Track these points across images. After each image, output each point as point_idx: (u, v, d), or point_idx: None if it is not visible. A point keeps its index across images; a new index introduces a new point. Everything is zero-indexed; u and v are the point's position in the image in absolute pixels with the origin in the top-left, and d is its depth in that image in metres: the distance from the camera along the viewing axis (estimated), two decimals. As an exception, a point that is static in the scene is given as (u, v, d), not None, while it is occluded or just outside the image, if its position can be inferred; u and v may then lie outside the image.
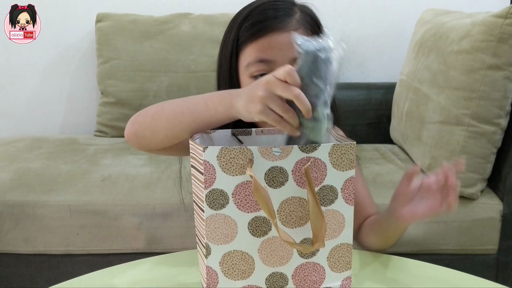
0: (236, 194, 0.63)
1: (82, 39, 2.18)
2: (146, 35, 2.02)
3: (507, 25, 1.35)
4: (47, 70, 2.20)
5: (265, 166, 0.62)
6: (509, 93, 1.41)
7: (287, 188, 0.64)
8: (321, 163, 0.64)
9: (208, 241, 0.64)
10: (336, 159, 0.64)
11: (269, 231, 0.65)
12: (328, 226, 0.66)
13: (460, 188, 1.43)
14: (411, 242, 1.48)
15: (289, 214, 0.65)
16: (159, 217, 1.48)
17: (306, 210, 0.65)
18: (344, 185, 0.66)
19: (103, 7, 2.12)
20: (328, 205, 0.66)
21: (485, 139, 1.42)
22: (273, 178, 0.63)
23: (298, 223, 0.65)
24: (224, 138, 0.75)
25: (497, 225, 1.47)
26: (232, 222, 0.63)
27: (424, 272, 0.83)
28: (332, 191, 0.65)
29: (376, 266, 0.85)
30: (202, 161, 0.62)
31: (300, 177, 0.64)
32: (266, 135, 0.76)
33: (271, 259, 0.66)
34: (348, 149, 0.64)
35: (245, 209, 0.63)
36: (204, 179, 0.62)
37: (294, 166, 0.63)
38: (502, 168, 1.47)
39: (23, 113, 2.24)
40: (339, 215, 0.66)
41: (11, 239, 1.49)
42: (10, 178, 1.55)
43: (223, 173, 0.62)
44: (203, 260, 0.66)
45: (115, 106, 2.03)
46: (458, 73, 1.44)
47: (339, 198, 0.66)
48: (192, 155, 0.67)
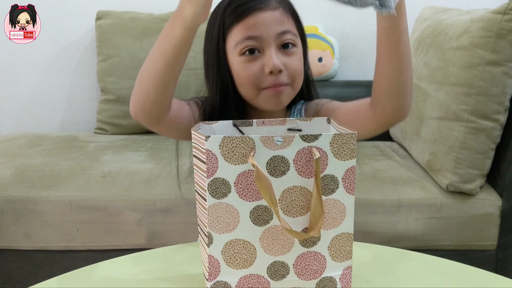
0: (238, 183, 0.63)
1: (82, 37, 2.18)
2: (146, 32, 2.03)
3: (506, 21, 1.36)
4: (47, 68, 2.21)
5: (266, 155, 0.63)
6: (508, 89, 1.41)
7: (289, 177, 0.64)
8: (323, 152, 0.64)
9: (210, 230, 0.64)
10: (337, 149, 0.65)
11: (270, 220, 0.65)
12: (329, 215, 0.66)
13: (460, 183, 1.45)
14: (410, 238, 1.49)
15: (290, 203, 0.65)
16: (160, 213, 1.48)
17: (307, 199, 0.65)
18: (345, 175, 0.66)
19: (103, 5, 2.13)
20: (329, 195, 0.66)
21: (484, 135, 1.43)
22: (274, 167, 0.63)
23: (299, 212, 0.65)
24: (226, 129, 0.75)
25: (496, 220, 1.47)
26: (234, 211, 0.64)
27: (424, 263, 0.84)
28: (333, 180, 0.66)
29: (376, 257, 0.85)
30: (204, 150, 0.62)
31: (301, 166, 0.64)
32: (267, 126, 0.77)
33: (272, 248, 0.66)
34: (349, 139, 0.65)
35: (247, 198, 0.64)
36: (207, 168, 0.62)
37: (295, 156, 0.63)
38: (501, 164, 1.47)
39: (23, 111, 2.25)
40: (340, 204, 0.67)
41: (12, 234, 1.50)
42: (11, 174, 1.56)
43: (225, 162, 0.62)
44: (205, 250, 0.67)
45: (115, 103, 2.04)
46: (457, 69, 1.45)
47: (340, 188, 0.66)
48: (194, 145, 0.68)
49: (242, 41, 0.87)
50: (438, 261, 0.84)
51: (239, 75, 0.89)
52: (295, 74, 0.89)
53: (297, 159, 0.64)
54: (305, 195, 0.65)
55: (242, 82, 0.89)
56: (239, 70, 0.88)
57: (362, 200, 1.47)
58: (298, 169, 0.64)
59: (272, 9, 0.87)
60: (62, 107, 2.25)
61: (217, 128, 0.75)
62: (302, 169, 0.64)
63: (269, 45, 0.86)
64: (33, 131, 2.09)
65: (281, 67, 0.86)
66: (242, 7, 0.87)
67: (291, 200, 0.65)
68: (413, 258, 0.86)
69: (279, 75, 0.87)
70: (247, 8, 0.87)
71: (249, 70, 0.87)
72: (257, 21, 0.86)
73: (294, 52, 0.89)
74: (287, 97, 0.91)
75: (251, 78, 0.87)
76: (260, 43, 0.86)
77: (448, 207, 1.47)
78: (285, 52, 0.88)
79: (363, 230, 1.48)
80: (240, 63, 0.88)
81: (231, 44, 0.89)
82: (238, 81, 0.90)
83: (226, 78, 0.90)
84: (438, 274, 0.80)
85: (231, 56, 0.89)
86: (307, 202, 0.65)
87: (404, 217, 1.47)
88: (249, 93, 0.89)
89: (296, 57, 0.89)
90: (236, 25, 0.87)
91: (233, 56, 0.89)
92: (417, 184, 1.52)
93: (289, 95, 0.91)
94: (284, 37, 0.88)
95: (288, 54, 0.88)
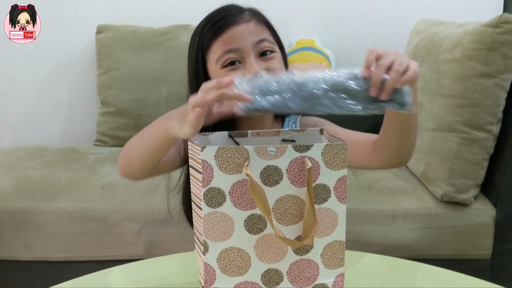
0: (233, 192, 0.65)
1: (83, 50, 2.21)
2: (145, 46, 2.06)
3: (498, 34, 1.39)
4: (48, 81, 2.23)
5: (260, 165, 0.65)
6: (500, 100, 1.44)
7: (282, 186, 0.66)
8: (315, 162, 0.66)
9: (205, 238, 0.66)
10: (329, 159, 0.67)
11: (264, 229, 0.67)
12: (322, 223, 0.68)
13: (454, 193, 1.46)
14: (406, 248, 1.50)
15: (284, 212, 0.67)
16: (158, 224, 1.50)
17: (300, 208, 0.67)
18: (336, 184, 0.68)
19: (103, 19, 2.15)
20: (322, 203, 0.68)
21: (478, 145, 1.45)
22: (268, 177, 0.65)
23: (293, 220, 0.67)
24: (222, 140, 0.78)
25: (490, 230, 1.49)
26: (229, 219, 0.66)
27: (419, 272, 0.85)
28: (325, 189, 0.68)
29: (371, 266, 0.87)
30: (200, 160, 0.64)
31: (294, 176, 0.66)
32: (262, 137, 0.79)
33: (266, 256, 0.68)
34: (340, 149, 0.67)
35: (241, 206, 0.66)
36: (202, 177, 0.64)
37: (288, 165, 0.66)
38: (494, 174, 1.49)
39: (24, 123, 2.27)
40: (332, 213, 0.69)
41: (12, 246, 1.51)
42: (11, 185, 1.57)
43: (220, 171, 0.64)
44: (201, 258, 0.69)
45: (114, 116, 2.06)
46: (450, 81, 1.47)
47: (332, 197, 0.68)
48: (191, 155, 0.70)
49: (223, 55, 0.92)
50: (434, 270, 0.85)
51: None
52: None
53: (290, 168, 0.66)
54: (298, 204, 0.67)
55: None
56: None
57: (358, 210, 1.49)
58: (291, 178, 0.66)
59: (245, 21, 0.93)
60: (62, 120, 2.27)
61: (213, 138, 0.78)
62: (295, 178, 0.66)
63: (248, 54, 0.91)
64: (33, 143, 2.11)
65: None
66: (218, 23, 0.93)
67: (284, 208, 0.67)
68: (408, 267, 0.87)
69: None
70: (223, 24, 0.92)
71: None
72: (234, 35, 0.92)
73: (273, 57, 0.94)
74: None
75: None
76: (239, 54, 0.91)
77: (443, 217, 1.48)
78: (264, 59, 0.93)
79: (359, 240, 1.49)
80: (223, 74, 0.92)
81: (213, 60, 0.94)
82: None
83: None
84: (433, 283, 0.81)
85: (214, 72, 0.94)
86: (300, 211, 0.67)
87: (400, 227, 1.49)
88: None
89: (276, 60, 0.95)
90: (215, 42, 0.93)
91: (215, 71, 0.94)
92: (413, 195, 1.54)
93: None
94: (262, 45, 0.93)
95: (267, 60, 0.93)
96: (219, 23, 0.93)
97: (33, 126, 2.27)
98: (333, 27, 2.22)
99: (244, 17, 0.94)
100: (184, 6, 2.19)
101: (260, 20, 0.96)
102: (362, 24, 2.22)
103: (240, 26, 0.92)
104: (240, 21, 0.93)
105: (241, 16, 0.94)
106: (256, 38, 0.92)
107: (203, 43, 0.94)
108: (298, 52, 2.09)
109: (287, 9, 2.19)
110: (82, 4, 2.19)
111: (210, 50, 0.94)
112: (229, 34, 0.92)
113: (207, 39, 0.93)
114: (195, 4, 2.15)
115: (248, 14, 0.95)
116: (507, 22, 1.38)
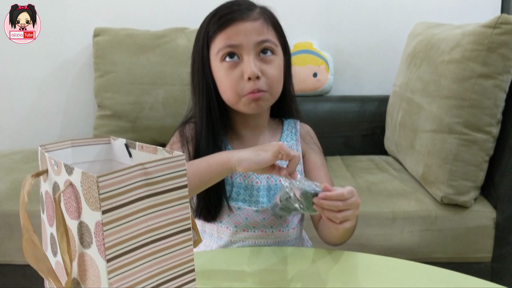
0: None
1: (80, 53, 2.21)
2: (142, 49, 2.05)
3: (496, 34, 1.38)
4: (45, 84, 2.22)
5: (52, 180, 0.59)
6: (500, 101, 1.43)
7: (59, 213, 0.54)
8: (77, 191, 0.51)
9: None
10: (86, 191, 0.50)
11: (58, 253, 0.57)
12: (91, 273, 0.52)
13: (454, 195, 1.45)
14: (405, 250, 1.49)
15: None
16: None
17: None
18: (96, 230, 0.49)
19: (100, 22, 2.15)
20: (87, 248, 0.52)
21: (477, 147, 1.44)
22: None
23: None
24: (119, 148, 0.69)
25: (490, 232, 1.48)
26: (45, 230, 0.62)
27: (419, 272, 0.84)
28: (88, 231, 0.51)
29: (370, 266, 0.86)
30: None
31: (67, 204, 0.54)
32: (145, 152, 0.63)
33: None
34: (93, 181, 0.48)
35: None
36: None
37: (64, 187, 0.54)
38: (494, 176, 1.48)
39: (20, 126, 2.26)
40: (95, 265, 0.51)
41: (7, 249, 1.50)
42: (6, 188, 1.56)
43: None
44: None
45: (111, 118, 2.05)
46: (449, 82, 1.47)
47: (93, 244, 0.51)
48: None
49: (223, 48, 0.93)
50: (434, 270, 0.84)
51: (221, 82, 0.95)
52: (273, 81, 0.94)
53: (65, 193, 0.54)
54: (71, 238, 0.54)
55: (224, 88, 0.95)
56: (222, 77, 0.94)
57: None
58: (66, 207, 0.54)
59: (253, 19, 0.93)
60: (59, 123, 2.26)
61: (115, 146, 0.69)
62: (69, 208, 0.53)
63: (248, 52, 0.92)
64: (30, 146, 2.09)
65: (258, 73, 0.91)
66: (225, 17, 0.93)
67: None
68: (408, 267, 0.86)
69: (257, 81, 0.92)
70: (230, 18, 0.93)
71: (230, 77, 0.93)
72: (238, 31, 0.92)
73: (273, 60, 0.94)
74: (265, 103, 0.96)
75: (233, 85, 0.93)
76: (239, 50, 0.92)
77: (442, 219, 1.47)
78: (264, 59, 0.93)
79: (359, 242, 1.48)
80: (222, 70, 0.94)
81: (214, 51, 0.95)
82: (221, 87, 0.96)
83: (209, 84, 0.96)
84: (433, 283, 0.80)
85: (214, 64, 0.96)
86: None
87: (399, 230, 1.48)
88: (231, 98, 0.95)
89: (274, 64, 0.95)
90: (219, 34, 0.93)
91: (215, 63, 0.95)
92: (412, 197, 1.53)
93: (268, 100, 0.96)
94: (263, 45, 0.93)
95: (266, 61, 0.93)
96: (226, 16, 0.93)
97: (30, 129, 2.25)
98: (331, 29, 2.21)
99: (252, 14, 0.94)
100: (181, 9, 2.18)
101: (267, 20, 0.95)
102: (360, 27, 2.21)
103: (246, 23, 0.92)
104: (247, 18, 0.93)
105: (250, 13, 0.94)
106: (259, 38, 0.92)
107: (209, 33, 0.95)
108: (296, 55, 2.09)
109: (285, 12, 2.18)
110: (79, 7, 2.18)
111: (213, 41, 0.95)
112: (233, 29, 0.92)
113: (212, 30, 0.94)
114: (192, 7, 2.15)
115: (257, 12, 0.95)
116: (506, 22, 1.38)
